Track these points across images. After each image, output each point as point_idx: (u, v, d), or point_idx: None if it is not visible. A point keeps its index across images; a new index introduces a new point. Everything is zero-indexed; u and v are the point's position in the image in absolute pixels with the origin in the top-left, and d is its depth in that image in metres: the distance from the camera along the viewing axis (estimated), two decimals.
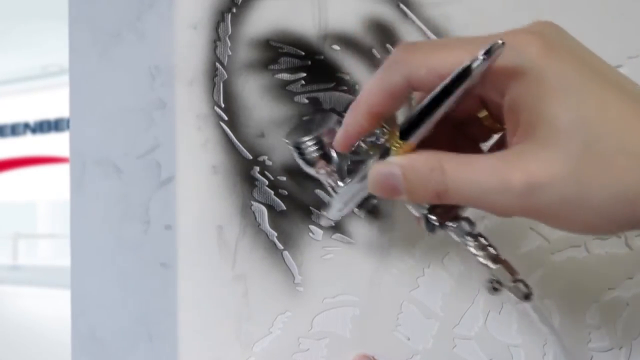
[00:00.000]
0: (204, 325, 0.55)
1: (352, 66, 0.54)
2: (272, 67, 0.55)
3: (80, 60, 0.60)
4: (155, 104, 0.57)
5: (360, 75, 0.54)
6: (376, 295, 0.54)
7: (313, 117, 0.50)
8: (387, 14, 0.54)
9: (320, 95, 0.54)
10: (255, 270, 0.55)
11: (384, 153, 0.40)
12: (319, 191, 0.54)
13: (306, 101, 0.54)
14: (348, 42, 0.54)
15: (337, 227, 0.54)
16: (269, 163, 0.55)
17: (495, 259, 0.42)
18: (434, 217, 0.42)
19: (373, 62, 0.54)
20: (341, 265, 0.54)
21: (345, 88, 0.54)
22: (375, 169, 0.40)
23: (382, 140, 0.42)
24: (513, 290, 0.42)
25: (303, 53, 0.55)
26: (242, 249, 0.55)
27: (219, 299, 0.55)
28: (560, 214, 0.35)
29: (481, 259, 0.42)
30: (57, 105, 4.17)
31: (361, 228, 0.54)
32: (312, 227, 0.54)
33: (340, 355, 0.54)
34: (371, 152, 0.43)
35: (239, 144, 0.55)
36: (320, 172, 0.48)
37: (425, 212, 0.42)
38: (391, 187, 0.39)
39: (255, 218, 0.55)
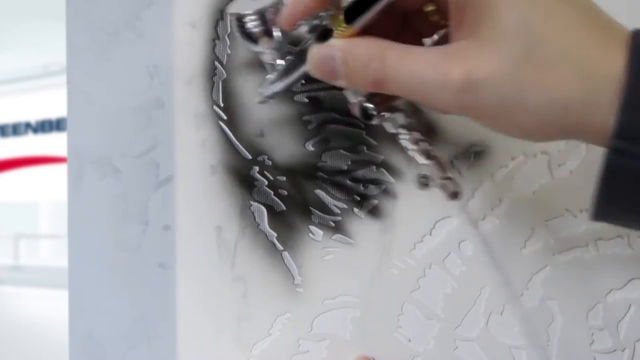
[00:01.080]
0: (203, 327, 0.55)
1: None
2: None
3: (78, 59, 0.59)
4: (154, 103, 0.57)
5: None
6: (377, 297, 0.53)
7: None
8: None
9: (321, 94, 0.54)
10: (255, 271, 0.54)
11: (326, 35, 0.40)
12: (319, 191, 0.54)
13: (306, 100, 0.54)
14: None
15: (338, 228, 0.54)
16: (268, 163, 0.54)
17: (428, 154, 0.42)
18: (370, 106, 0.42)
19: None
20: (341, 266, 0.54)
21: None
22: (316, 50, 0.40)
23: (326, 22, 0.41)
24: (442, 187, 0.42)
25: None
26: (242, 249, 0.55)
27: (218, 300, 0.55)
28: (496, 114, 0.36)
29: (413, 153, 0.42)
30: (58, 104, 4.18)
31: (361, 229, 0.53)
32: (312, 227, 0.54)
33: (340, 357, 0.54)
34: (313, 33, 0.42)
35: (238, 143, 0.55)
36: (260, 48, 0.47)
37: (363, 99, 0.42)
38: (330, 70, 0.40)
39: (255, 218, 0.55)
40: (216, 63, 0.55)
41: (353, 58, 0.39)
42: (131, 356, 0.58)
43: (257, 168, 0.55)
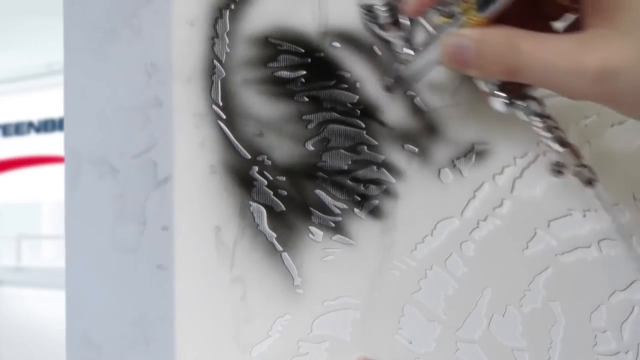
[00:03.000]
0: (202, 329, 0.55)
1: (353, 64, 0.53)
2: (271, 64, 0.54)
3: (75, 58, 0.59)
4: (152, 102, 0.57)
5: (361, 73, 0.53)
6: (377, 298, 0.53)
7: None
8: None
9: (321, 93, 0.54)
10: (254, 272, 0.54)
11: (458, 24, 0.40)
12: (319, 191, 0.53)
13: (306, 99, 0.54)
14: (349, 39, 0.53)
15: (338, 229, 0.53)
16: (268, 163, 0.54)
17: (563, 141, 0.43)
18: (503, 94, 0.42)
19: (374, 60, 0.53)
20: (342, 267, 0.53)
21: (346, 86, 0.53)
22: (448, 39, 0.41)
23: (457, 10, 0.41)
24: (577, 174, 0.43)
25: (303, 50, 0.54)
26: (241, 250, 0.54)
27: (216, 301, 0.54)
28: (632, 102, 0.37)
29: (548, 141, 0.43)
30: (61, 104, 4.18)
31: (362, 229, 0.53)
32: (311, 228, 0.54)
33: (340, 358, 0.53)
34: (445, 23, 0.42)
35: (237, 143, 0.54)
36: (389, 37, 0.48)
37: (495, 88, 0.42)
38: (462, 60, 0.40)
39: (254, 219, 0.54)
40: (215, 62, 0.55)
41: (486, 47, 0.39)
42: (128, 358, 0.57)
43: (256, 168, 0.54)
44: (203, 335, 0.55)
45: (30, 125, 4.60)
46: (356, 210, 0.53)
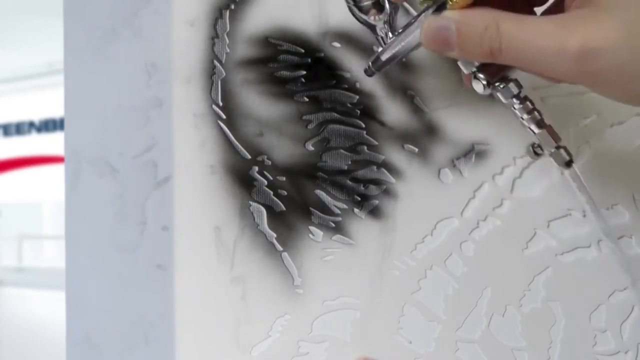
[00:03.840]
0: (202, 329, 0.55)
1: (353, 64, 0.53)
2: (271, 64, 0.54)
3: (75, 57, 0.59)
4: (152, 102, 0.57)
5: (360, 73, 0.53)
6: (377, 298, 0.53)
7: None
8: None
9: (321, 93, 0.54)
10: (254, 272, 0.54)
11: (440, 6, 0.41)
12: (319, 191, 0.53)
13: (306, 99, 0.54)
14: (348, 40, 0.53)
15: (338, 229, 0.53)
16: (268, 163, 0.54)
17: (540, 123, 0.43)
18: (482, 76, 0.42)
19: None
20: (341, 267, 0.53)
21: (346, 86, 0.53)
22: (429, 21, 0.41)
23: None
24: (554, 155, 0.44)
25: (303, 50, 0.54)
26: (241, 250, 0.54)
27: (216, 301, 0.54)
28: (612, 81, 0.37)
29: (526, 123, 0.43)
30: (62, 103, 4.16)
31: (362, 229, 0.53)
32: (311, 228, 0.54)
33: (340, 358, 0.53)
34: (426, 5, 0.43)
35: (237, 143, 0.54)
36: (371, 21, 0.48)
37: (475, 69, 0.42)
38: (444, 41, 0.40)
39: (254, 219, 0.54)
40: (215, 62, 0.55)
41: (468, 28, 0.39)
42: (129, 358, 0.57)
43: (256, 168, 0.54)
44: (203, 335, 0.55)
45: (31, 125, 4.59)
46: (356, 210, 0.53)
